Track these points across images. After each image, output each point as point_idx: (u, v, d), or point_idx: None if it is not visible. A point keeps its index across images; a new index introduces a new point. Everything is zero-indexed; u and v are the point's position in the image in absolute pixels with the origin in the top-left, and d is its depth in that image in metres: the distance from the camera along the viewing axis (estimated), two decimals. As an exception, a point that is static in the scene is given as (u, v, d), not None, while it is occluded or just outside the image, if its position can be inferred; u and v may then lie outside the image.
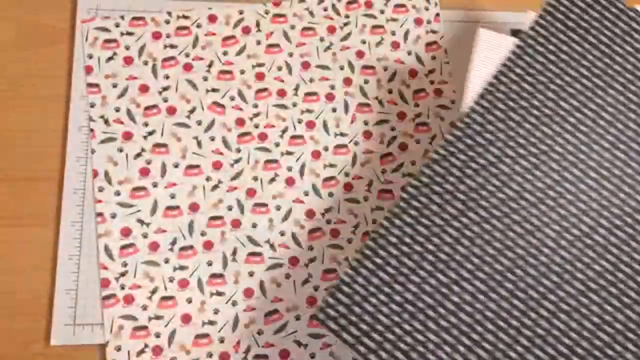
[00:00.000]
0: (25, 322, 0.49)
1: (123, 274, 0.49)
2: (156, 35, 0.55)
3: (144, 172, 0.52)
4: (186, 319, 0.49)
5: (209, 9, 0.56)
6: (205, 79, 0.55)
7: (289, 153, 0.53)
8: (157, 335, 0.48)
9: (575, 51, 0.42)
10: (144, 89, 0.54)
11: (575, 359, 0.38)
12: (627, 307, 0.39)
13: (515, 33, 0.47)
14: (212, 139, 0.53)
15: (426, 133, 0.55)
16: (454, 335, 0.38)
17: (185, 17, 0.56)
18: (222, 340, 0.49)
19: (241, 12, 0.57)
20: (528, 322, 0.39)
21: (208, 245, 0.51)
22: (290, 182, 0.53)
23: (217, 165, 0.53)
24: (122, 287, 0.49)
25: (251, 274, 0.50)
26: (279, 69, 0.55)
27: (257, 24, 0.57)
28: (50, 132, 0.53)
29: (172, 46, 0.55)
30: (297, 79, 0.55)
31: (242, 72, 0.55)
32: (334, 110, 0.55)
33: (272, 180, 0.53)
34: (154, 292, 0.49)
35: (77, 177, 0.51)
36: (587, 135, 0.42)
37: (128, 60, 0.54)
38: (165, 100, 0.54)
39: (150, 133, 0.53)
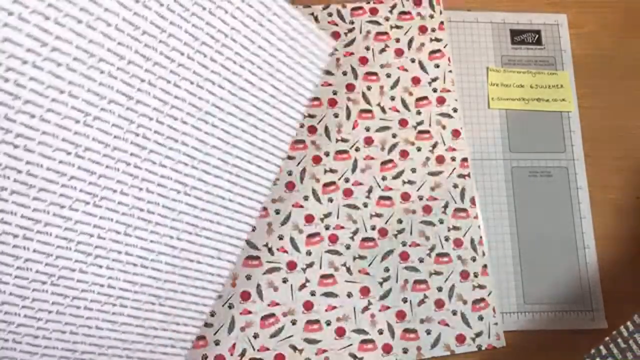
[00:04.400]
0: (23, 319, 0.49)
1: (121, 274, 0.49)
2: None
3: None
4: (182, 320, 0.49)
5: (214, 11, 0.57)
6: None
7: (289, 157, 0.54)
8: (153, 336, 0.48)
9: None
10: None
11: None
12: None
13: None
14: (214, 141, 0.53)
15: (428, 141, 0.55)
16: None
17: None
18: (217, 343, 0.49)
19: (246, 16, 0.57)
20: None
21: (206, 247, 0.51)
22: (290, 186, 0.53)
23: (217, 168, 0.53)
24: (120, 287, 0.49)
25: (248, 277, 0.50)
26: (282, 73, 0.56)
27: (262, 28, 0.57)
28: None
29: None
30: (300, 84, 0.55)
31: (246, 75, 0.55)
32: (336, 115, 0.55)
33: (272, 183, 0.53)
34: (151, 292, 0.49)
35: (78, 175, 0.51)
36: None
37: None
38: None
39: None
